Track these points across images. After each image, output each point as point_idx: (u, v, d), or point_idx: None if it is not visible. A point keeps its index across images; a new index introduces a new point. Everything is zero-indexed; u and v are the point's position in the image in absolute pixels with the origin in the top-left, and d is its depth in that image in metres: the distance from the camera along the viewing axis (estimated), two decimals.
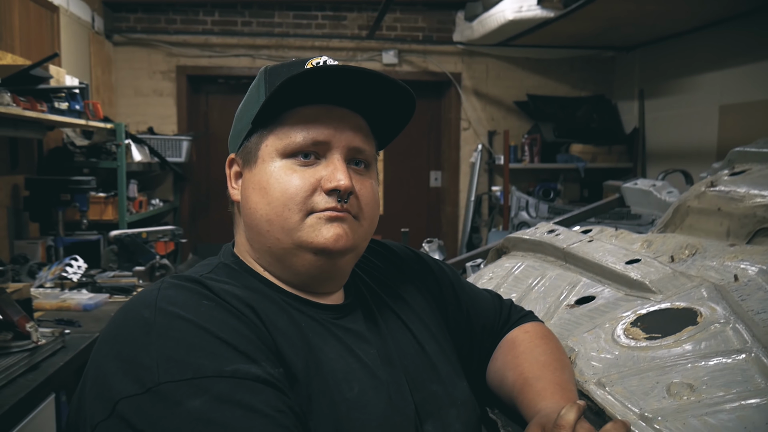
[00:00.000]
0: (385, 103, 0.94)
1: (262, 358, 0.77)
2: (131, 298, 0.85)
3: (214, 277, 0.88)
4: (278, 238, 0.90)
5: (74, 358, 1.95)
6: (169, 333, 0.75)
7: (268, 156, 0.91)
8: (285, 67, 0.95)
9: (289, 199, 0.88)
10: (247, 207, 0.93)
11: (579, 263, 1.34)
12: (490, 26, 4.56)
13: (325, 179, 0.88)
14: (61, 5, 4.13)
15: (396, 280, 1.08)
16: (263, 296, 0.88)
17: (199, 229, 5.62)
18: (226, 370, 0.73)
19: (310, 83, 0.89)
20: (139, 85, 5.30)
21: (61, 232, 3.47)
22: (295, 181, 0.89)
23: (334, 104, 0.92)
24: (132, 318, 0.78)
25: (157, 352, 0.73)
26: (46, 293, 2.67)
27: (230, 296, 0.83)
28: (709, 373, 0.82)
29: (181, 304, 0.79)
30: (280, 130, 0.91)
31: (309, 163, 0.90)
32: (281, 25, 5.39)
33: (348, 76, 0.89)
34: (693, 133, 4.58)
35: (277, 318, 0.85)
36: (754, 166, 1.58)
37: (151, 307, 0.78)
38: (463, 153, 5.66)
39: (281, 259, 0.91)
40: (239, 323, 0.80)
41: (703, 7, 3.82)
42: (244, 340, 0.78)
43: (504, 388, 1.02)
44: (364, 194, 0.92)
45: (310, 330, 0.88)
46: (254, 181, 0.92)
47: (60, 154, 3.93)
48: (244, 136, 0.95)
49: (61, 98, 3.27)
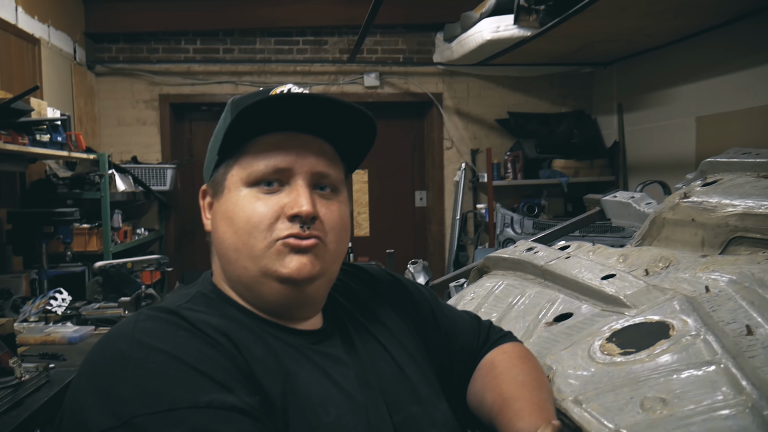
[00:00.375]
0: (349, 127, 0.95)
1: (238, 387, 0.78)
2: (109, 330, 0.85)
3: (192, 306, 0.89)
4: (245, 266, 0.91)
5: (59, 392, 1.94)
6: (145, 365, 0.75)
7: (233, 186, 0.93)
8: (249, 97, 0.97)
9: (254, 227, 0.89)
10: (216, 236, 0.95)
11: (557, 280, 1.36)
12: (469, 46, 4.62)
13: (288, 206, 0.90)
14: (42, 37, 4.15)
15: (374, 302, 1.09)
16: (239, 324, 0.89)
17: (185, 257, 5.60)
18: (201, 401, 0.73)
19: (272, 112, 0.90)
20: (122, 114, 5.30)
21: (44, 265, 3.45)
22: (259, 208, 0.90)
23: (297, 131, 0.93)
24: (109, 350, 0.79)
25: (133, 384, 0.74)
26: (31, 327, 2.65)
27: (206, 326, 0.84)
28: (681, 386, 0.83)
29: (158, 336, 0.79)
30: (243, 159, 0.93)
31: (272, 190, 0.91)
32: (263, 51, 5.44)
33: (308, 102, 0.91)
34: (672, 144, 4.64)
35: (253, 346, 0.86)
36: (725, 176, 1.60)
37: (128, 339, 0.79)
38: (447, 172, 5.69)
39: (250, 288, 0.92)
40: (215, 352, 0.80)
41: (677, 22, 3.89)
42: (220, 369, 0.78)
43: (483, 409, 1.02)
44: (329, 218, 0.93)
45: (287, 356, 0.88)
46: (221, 211, 0.94)
47: (43, 187, 3.93)
48: (213, 167, 0.97)
49: (43, 130, 3.27)
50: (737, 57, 3.96)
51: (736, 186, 1.48)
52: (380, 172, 5.77)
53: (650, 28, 4.07)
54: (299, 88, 0.96)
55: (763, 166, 1.53)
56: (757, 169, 1.55)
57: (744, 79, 3.92)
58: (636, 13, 3.63)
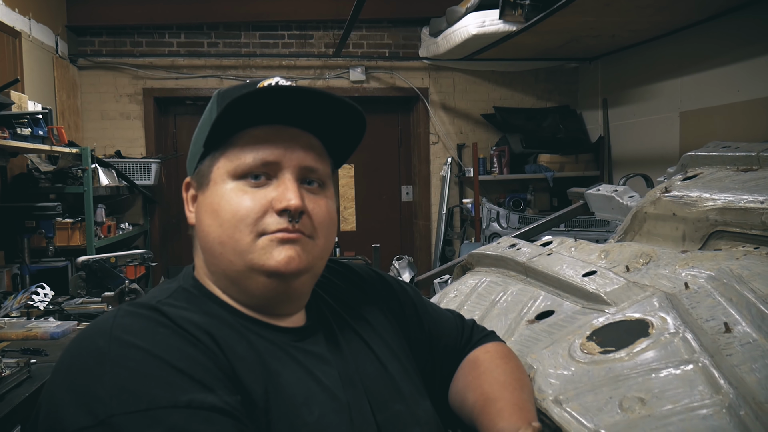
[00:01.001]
0: (338, 121, 0.94)
1: (219, 387, 0.77)
2: (86, 326, 0.84)
3: (173, 302, 0.87)
4: (231, 260, 0.89)
5: (40, 388, 1.92)
6: (123, 363, 0.74)
7: (219, 178, 0.91)
8: (237, 89, 0.95)
9: (240, 221, 0.88)
10: (201, 230, 0.93)
11: (539, 277, 1.36)
12: (455, 41, 4.61)
13: (276, 200, 0.88)
14: (23, 30, 4.09)
15: (358, 300, 1.08)
16: (221, 322, 0.88)
17: (170, 251, 5.57)
18: (181, 401, 0.72)
19: (260, 104, 0.89)
20: (105, 108, 5.25)
21: (26, 260, 3.41)
22: (246, 202, 0.88)
23: (285, 124, 0.92)
24: (86, 347, 0.77)
25: (110, 382, 0.72)
26: (12, 323, 2.62)
27: (187, 323, 0.82)
28: (659, 385, 0.83)
29: (137, 333, 0.78)
30: (230, 152, 0.91)
31: (260, 184, 0.90)
32: (248, 45, 5.40)
33: (296, 96, 0.90)
34: (656, 139, 4.67)
35: (235, 344, 0.85)
36: (705, 170, 1.62)
37: (106, 335, 0.77)
38: (434, 166, 5.70)
39: (236, 282, 0.91)
40: (196, 351, 0.79)
41: (660, 17, 3.92)
42: (200, 368, 0.77)
43: (465, 408, 1.03)
44: (317, 213, 0.92)
45: (269, 354, 0.87)
46: (206, 204, 0.92)
47: (24, 181, 3.88)
48: (198, 159, 0.95)
49: (24, 124, 3.23)
50: (721, 52, 3.99)
51: (716, 180, 1.49)
52: (366, 167, 5.76)
53: (634, 24, 4.09)
54: (287, 81, 0.94)
55: (743, 159, 1.54)
56: (736, 162, 1.56)
57: (727, 75, 3.95)
58: (620, 8, 3.65)
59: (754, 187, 1.32)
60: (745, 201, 1.28)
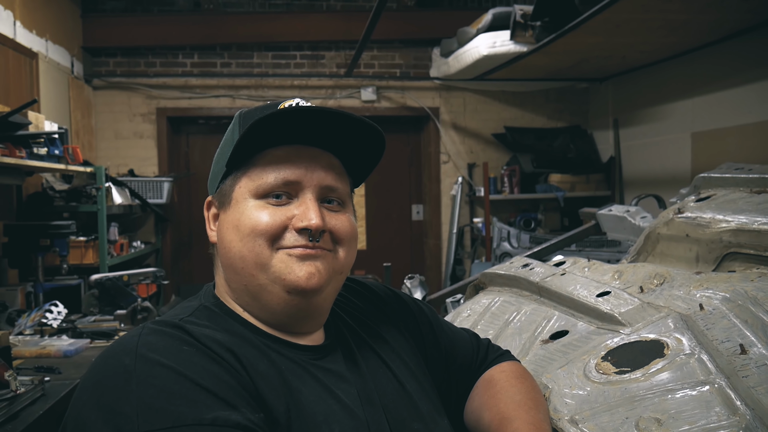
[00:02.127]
0: (357, 141, 0.96)
1: (242, 404, 0.78)
2: (111, 343, 0.85)
3: (195, 320, 0.88)
4: (252, 274, 0.91)
5: (54, 405, 1.93)
6: (149, 380, 0.75)
7: (241, 197, 0.93)
8: (258, 110, 0.97)
9: (259, 235, 0.90)
10: (223, 246, 0.95)
11: (553, 297, 1.36)
12: (466, 61, 4.65)
13: (297, 218, 0.90)
14: (40, 51, 4.16)
15: (375, 318, 1.09)
16: (243, 340, 0.88)
17: (181, 270, 5.59)
18: (206, 418, 0.73)
19: (281, 125, 0.91)
20: (119, 127, 5.31)
21: (40, 278, 3.44)
22: (265, 217, 0.90)
23: (306, 144, 0.94)
24: (112, 365, 0.79)
25: (137, 400, 0.73)
26: (26, 340, 2.64)
27: (211, 341, 0.83)
28: (675, 406, 0.83)
29: (162, 351, 0.79)
30: (252, 171, 0.93)
31: (281, 203, 0.92)
32: (260, 66, 5.46)
33: (317, 116, 0.91)
34: (667, 160, 4.67)
35: (257, 362, 0.86)
36: (719, 191, 1.61)
37: (132, 353, 0.78)
38: (444, 186, 5.71)
39: (257, 297, 0.92)
40: (220, 369, 0.80)
41: (672, 39, 3.93)
42: (224, 386, 0.78)
43: (480, 427, 1.03)
44: (339, 228, 0.94)
45: (290, 372, 0.88)
46: (228, 221, 0.94)
47: (39, 199, 3.92)
48: (220, 179, 0.97)
49: (40, 144, 3.28)
50: (733, 73, 3.99)
51: (730, 202, 1.49)
52: (377, 186, 5.78)
53: (646, 45, 4.10)
54: (306, 102, 0.96)
55: (756, 182, 1.54)
56: (750, 185, 1.55)
57: (739, 96, 3.95)
58: (631, 29, 3.66)
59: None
60: (759, 223, 1.27)
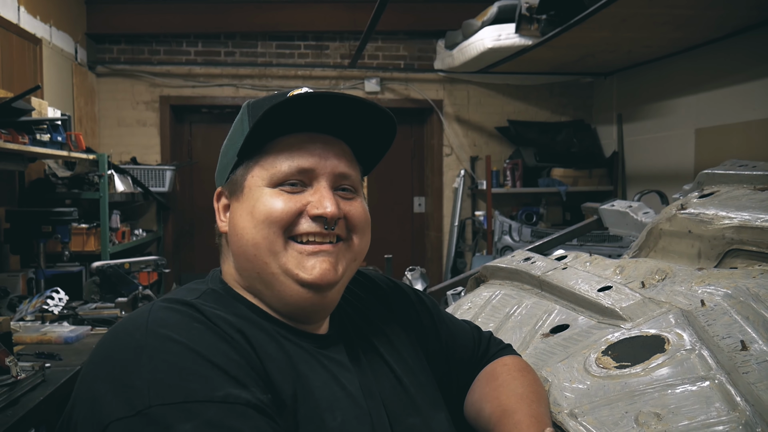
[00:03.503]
0: (367, 128, 0.96)
1: (252, 384, 0.78)
2: (121, 319, 0.84)
3: (203, 302, 0.88)
4: (266, 262, 0.90)
5: (55, 392, 1.94)
6: (160, 355, 0.75)
7: (255, 185, 0.92)
8: (267, 99, 0.96)
9: (274, 222, 0.89)
10: (235, 234, 0.94)
11: (554, 291, 1.36)
12: (470, 54, 4.63)
13: (312, 205, 0.90)
14: (43, 37, 4.15)
15: (376, 311, 1.09)
16: (252, 323, 0.88)
17: (183, 258, 5.60)
18: (217, 395, 0.73)
19: (293, 112, 0.90)
20: (122, 115, 5.31)
21: (42, 264, 3.45)
22: (279, 204, 0.90)
23: (317, 132, 0.94)
24: (123, 339, 0.79)
25: (148, 374, 0.73)
26: (27, 326, 2.64)
27: (221, 320, 0.83)
28: (675, 401, 0.83)
29: (173, 326, 0.79)
30: (265, 160, 0.92)
31: (296, 190, 0.91)
32: (264, 55, 5.45)
33: (330, 102, 0.91)
34: (671, 155, 4.66)
35: (266, 344, 0.86)
36: (722, 188, 1.61)
37: (142, 328, 0.78)
38: (446, 178, 5.70)
39: (270, 286, 0.91)
40: (230, 348, 0.80)
41: (678, 34, 3.91)
42: (234, 364, 0.78)
43: (481, 419, 1.03)
44: (353, 214, 0.94)
45: (298, 357, 0.88)
46: (242, 208, 0.93)
47: (41, 186, 3.92)
48: (231, 169, 0.96)
49: (43, 130, 3.27)
50: (738, 70, 3.98)
51: (733, 198, 1.49)
52: (379, 178, 5.77)
53: (651, 40, 4.08)
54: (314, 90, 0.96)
55: (760, 178, 1.53)
56: (753, 181, 1.55)
57: (744, 92, 3.94)
58: (637, 24, 3.65)
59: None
60: (762, 220, 1.27)
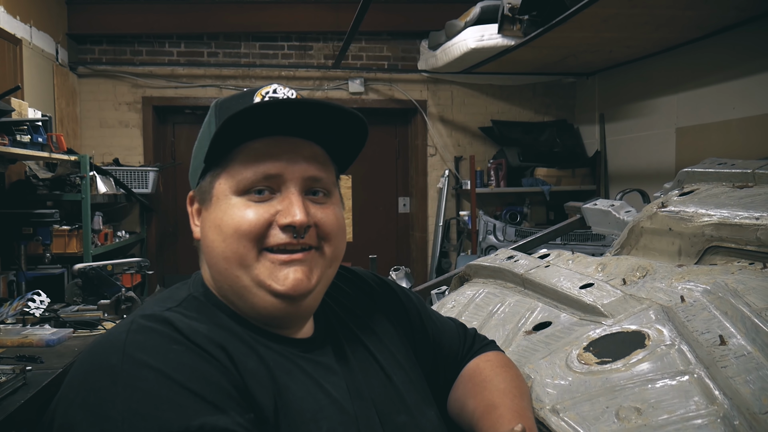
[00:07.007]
0: (339, 129, 0.93)
1: (232, 406, 0.77)
2: (99, 338, 0.83)
3: (183, 311, 0.86)
4: (237, 275, 0.88)
5: (36, 395, 1.92)
6: (136, 384, 0.74)
7: (222, 194, 0.90)
8: (234, 100, 0.94)
9: (243, 236, 0.87)
10: (206, 245, 0.92)
11: (536, 289, 1.37)
12: (454, 54, 4.64)
13: (280, 214, 0.87)
14: (24, 38, 4.11)
15: (364, 308, 1.08)
16: (232, 334, 0.87)
17: (166, 260, 5.55)
18: (192, 425, 0.72)
19: (259, 117, 0.87)
20: (104, 116, 5.27)
21: (23, 267, 3.41)
22: (249, 216, 0.87)
23: (286, 135, 0.90)
24: (99, 364, 0.77)
25: (123, 404, 0.72)
26: (8, 329, 2.61)
27: (201, 337, 0.82)
28: (655, 395, 0.85)
29: (150, 350, 0.77)
30: (231, 167, 0.89)
31: (264, 198, 0.88)
32: (247, 56, 5.43)
33: (295, 107, 0.88)
34: (652, 154, 4.70)
35: (246, 358, 0.84)
36: (702, 185, 1.63)
37: (119, 352, 0.77)
38: (431, 178, 5.71)
39: (243, 298, 0.89)
40: (209, 367, 0.79)
41: (658, 34, 3.95)
42: (213, 387, 0.77)
43: (464, 415, 1.03)
44: (326, 222, 0.91)
45: (279, 368, 0.86)
46: (210, 220, 0.91)
47: (22, 187, 3.88)
48: (200, 174, 0.94)
49: (24, 131, 3.24)
50: (717, 69, 4.03)
51: (712, 196, 1.51)
52: (364, 178, 5.78)
53: (632, 40, 4.12)
54: (285, 88, 0.93)
55: (739, 176, 1.56)
56: (732, 179, 1.57)
57: (723, 92, 3.99)
58: (618, 25, 3.68)
59: (750, 204, 1.34)
60: (740, 217, 1.29)
